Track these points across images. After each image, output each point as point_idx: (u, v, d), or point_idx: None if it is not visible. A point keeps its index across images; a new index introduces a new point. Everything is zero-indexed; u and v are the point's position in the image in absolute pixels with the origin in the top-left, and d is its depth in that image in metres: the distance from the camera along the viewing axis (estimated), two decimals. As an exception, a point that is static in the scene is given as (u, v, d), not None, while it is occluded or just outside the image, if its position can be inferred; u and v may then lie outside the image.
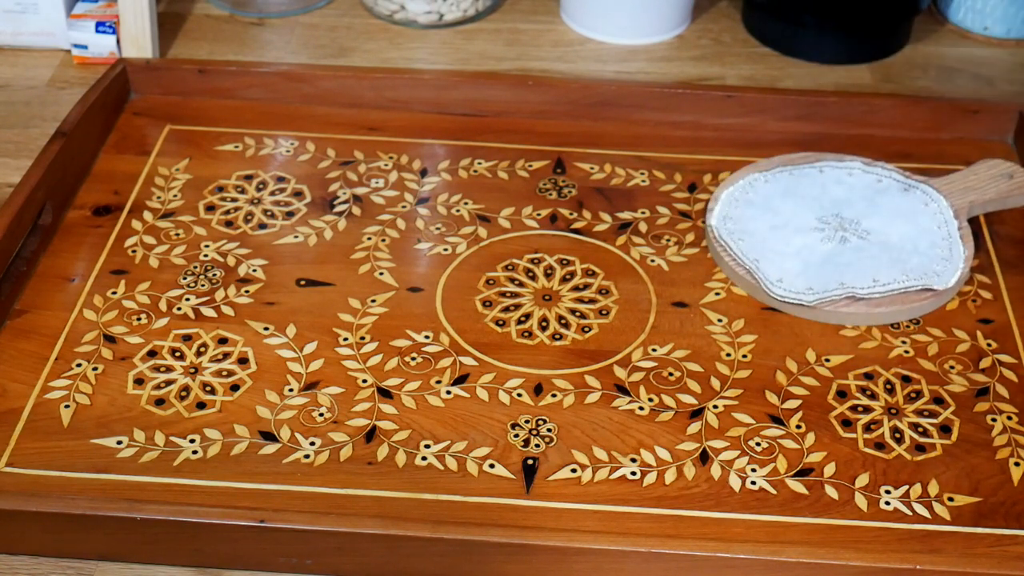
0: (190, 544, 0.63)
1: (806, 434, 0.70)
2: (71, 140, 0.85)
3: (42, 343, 0.74)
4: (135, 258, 0.81)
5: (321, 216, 0.84)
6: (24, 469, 0.67)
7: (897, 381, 0.73)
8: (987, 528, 0.66)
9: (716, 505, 0.66)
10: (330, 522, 0.62)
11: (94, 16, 1.00)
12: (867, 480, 0.68)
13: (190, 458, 0.68)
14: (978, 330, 0.77)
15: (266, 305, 0.77)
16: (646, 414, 0.71)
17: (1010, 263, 0.82)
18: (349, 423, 0.70)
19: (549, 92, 0.93)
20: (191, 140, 0.91)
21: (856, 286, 0.77)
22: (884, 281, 0.77)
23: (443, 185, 0.87)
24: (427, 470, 0.68)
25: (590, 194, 0.87)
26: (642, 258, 0.82)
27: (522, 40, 1.05)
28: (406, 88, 0.94)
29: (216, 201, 0.85)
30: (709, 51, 1.04)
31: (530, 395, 0.72)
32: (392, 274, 0.80)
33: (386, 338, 0.75)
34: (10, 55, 1.02)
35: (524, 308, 0.78)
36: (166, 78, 0.95)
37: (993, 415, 0.72)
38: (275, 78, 0.94)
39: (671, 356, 0.75)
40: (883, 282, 0.77)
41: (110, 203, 0.85)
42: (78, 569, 0.64)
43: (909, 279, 0.77)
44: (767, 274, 0.78)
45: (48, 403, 0.71)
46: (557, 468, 0.68)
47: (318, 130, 0.92)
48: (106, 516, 0.63)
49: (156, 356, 0.74)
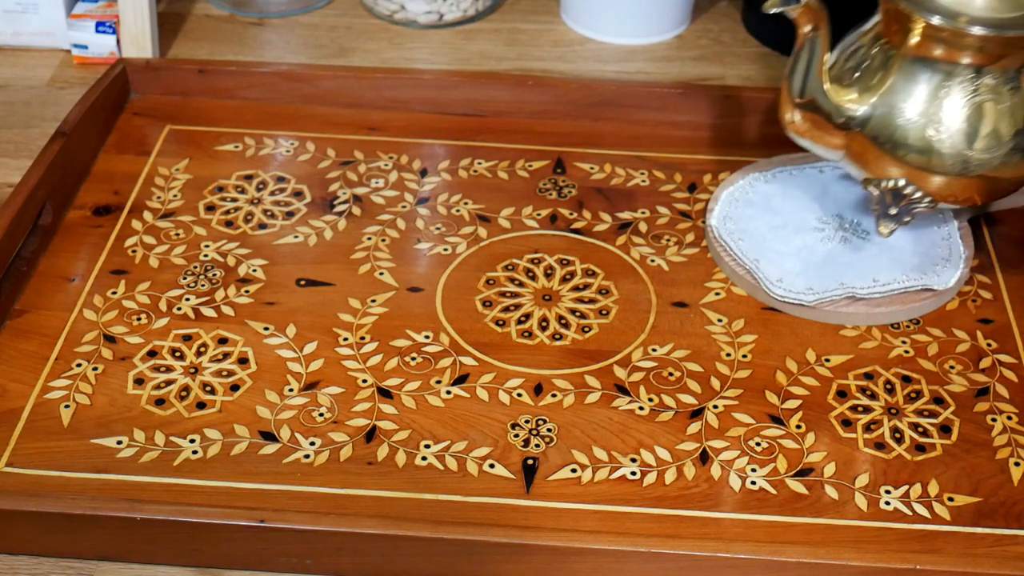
0: (190, 544, 0.63)
1: (806, 434, 0.70)
2: (71, 140, 0.85)
3: (42, 343, 0.74)
4: (135, 258, 0.81)
5: (321, 216, 0.84)
6: (24, 469, 0.67)
7: (897, 381, 0.73)
8: (987, 528, 0.66)
9: (716, 505, 0.66)
10: (330, 522, 0.62)
11: (94, 16, 1.00)
12: (867, 480, 0.68)
13: (190, 458, 0.68)
14: (978, 330, 0.77)
15: (266, 305, 0.77)
16: (646, 414, 0.71)
17: (1010, 263, 0.82)
18: (349, 423, 0.70)
19: (549, 92, 0.93)
20: (191, 140, 0.91)
21: (856, 286, 0.77)
22: (884, 281, 0.77)
23: (443, 185, 0.87)
24: (427, 470, 0.68)
25: (590, 194, 0.87)
26: (642, 258, 0.82)
27: (522, 40, 1.05)
28: (406, 88, 0.94)
29: (216, 201, 0.85)
30: (709, 51, 1.04)
31: (530, 395, 0.72)
32: (392, 274, 0.80)
33: (386, 338, 0.75)
34: (10, 55, 1.02)
35: (524, 308, 0.78)
36: (166, 78, 0.95)
37: (993, 415, 0.72)
38: (275, 78, 0.94)
39: (671, 356, 0.75)
40: (883, 282, 0.77)
41: (110, 203, 0.85)
42: (78, 569, 0.64)
43: (909, 279, 0.77)
44: (767, 274, 0.78)
45: (48, 403, 0.71)
46: (557, 468, 0.68)
47: (318, 130, 0.92)
48: (106, 516, 0.63)
49: (156, 356, 0.74)
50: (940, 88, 0.68)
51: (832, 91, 0.69)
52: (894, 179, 0.70)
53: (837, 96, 0.69)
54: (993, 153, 0.68)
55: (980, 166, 0.69)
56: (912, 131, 0.69)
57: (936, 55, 0.68)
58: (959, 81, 0.68)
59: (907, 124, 0.69)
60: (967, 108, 0.68)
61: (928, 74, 0.69)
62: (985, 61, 0.68)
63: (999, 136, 0.68)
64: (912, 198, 0.70)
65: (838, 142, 0.71)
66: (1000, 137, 0.68)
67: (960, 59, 0.68)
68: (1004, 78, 0.68)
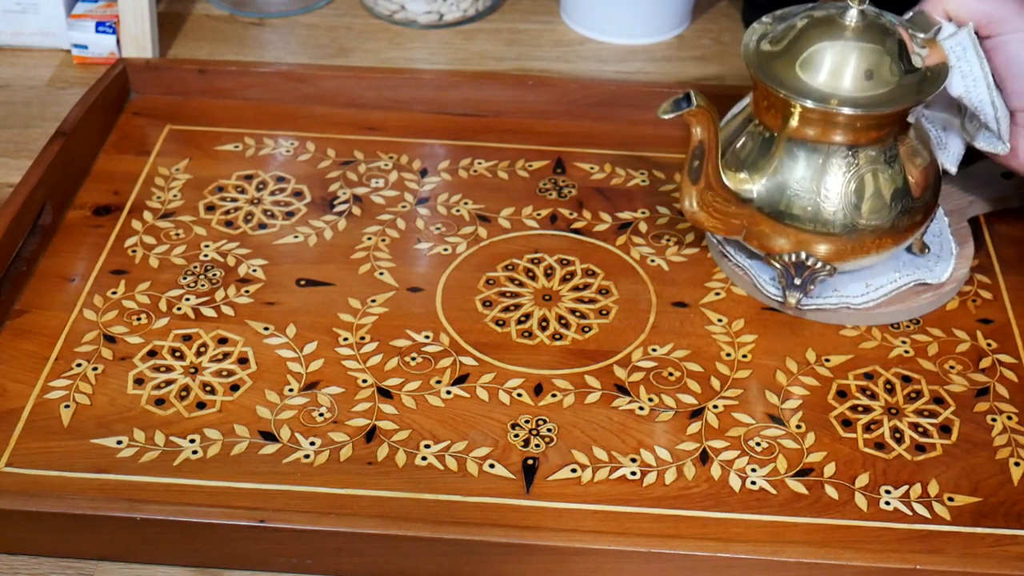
0: (190, 544, 0.63)
1: (806, 434, 0.70)
2: (71, 140, 0.85)
3: (42, 343, 0.74)
4: (135, 258, 0.81)
5: (321, 216, 0.84)
6: (24, 469, 0.67)
7: (897, 381, 0.73)
8: (987, 528, 0.66)
9: (716, 505, 0.66)
10: (330, 522, 0.62)
11: (94, 16, 1.00)
12: (867, 480, 0.68)
13: (190, 458, 0.68)
14: (978, 330, 0.77)
15: (266, 305, 0.77)
16: (646, 414, 0.71)
17: (1010, 263, 0.82)
18: (349, 423, 0.70)
19: (549, 92, 0.93)
20: (191, 140, 0.91)
21: (849, 295, 0.76)
22: (877, 284, 0.77)
23: (443, 185, 0.87)
24: (427, 470, 0.68)
25: (590, 194, 0.87)
26: (642, 258, 0.82)
27: (522, 40, 1.05)
28: (406, 88, 0.94)
29: (216, 201, 0.85)
30: (709, 51, 1.04)
31: (530, 395, 0.72)
32: (392, 274, 0.80)
33: (386, 338, 0.75)
34: (10, 55, 1.02)
35: (524, 308, 0.78)
36: (166, 78, 0.95)
37: (993, 415, 0.72)
38: (275, 78, 0.94)
39: (671, 356, 0.75)
40: (876, 285, 0.77)
41: (110, 203, 0.85)
42: (78, 569, 0.64)
43: (902, 276, 0.77)
44: (760, 273, 0.78)
45: (48, 403, 0.71)
46: (557, 468, 0.68)
47: (318, 130, 0.92)
48: (106, 516, 0.63)
49: (156, 356, 0.74)
50: (825, 164, 0.72)
51: (728, 177, 0.73)
52: (795, 252, 0.74)
53: (732, 182, 0.73)
54: (883, 218, 0.72)
55: (872, 231, 0.73)
56: (804, 205, 0.72)
57: (815, 135, 0.72)
58: (842, 156, 0.72)
59: (798, 200, 0.72)
60: (852, 181, 0.72)
61: (811, 153, 0.73)
62: (863, 138, 0.72)
63: (884, 201, 0.72)
64: (814, 268, 0.74)
65: (738, 223, 0.74)
66: (885, 202, 0.72)
67: (837, 137, 0.72)
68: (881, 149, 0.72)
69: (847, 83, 0.70)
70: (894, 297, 0.77)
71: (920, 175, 0.73)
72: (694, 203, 0.73)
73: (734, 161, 0.75)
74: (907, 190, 0.73)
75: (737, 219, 0.74)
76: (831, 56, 0.71)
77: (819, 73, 0.71)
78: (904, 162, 0.73)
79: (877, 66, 0.71)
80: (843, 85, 0.70)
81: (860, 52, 0.71)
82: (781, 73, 0.72)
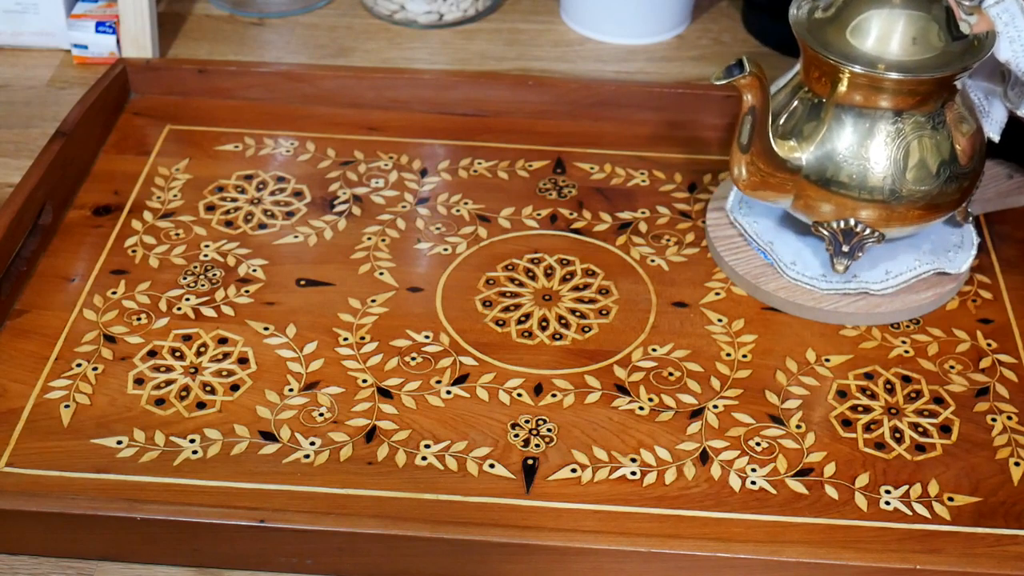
0: (190, 544, 0.63)
1: (806, 434, 0.70)
2: (71, 140, 0.85)
3: (42, 343, 0.74)
4: (135, 258, 0.81)
5: (321, 216, 0.84)
6: (24, 469, 0.67)
7: (897, 381, 0.73)
8: (987, 528, 0.66)
9: (716, 505, 0.66)
10: (330, 522, 0.62)
11: (94, 16, 1.00)
12: (867, 480, 0.68)
13: (190, 458, 0.68)
14: (978, 330, 0.77)
15: (266, 305, 0.77)
16: (646, 414, 0.71)
17: (1010, 263, 0.82)
18: (349, 423, 0.70)
19: (549, 92, 0.94)
20: (191, 140, 0.91)
21: (869, 281, 0.77)
22: (897, 272, 0.77)
23: (443, 185, 0.87)
24: (427, 470, 0.68)
25: (590, 194, 0.87)
26: (642, 258, 0.82)
27: (522, 40, 1.05)
28: (406, 88, 0.94)
29: (216, 201, 0.85)
30: (709, 51, 1.04)
31: (530, 395, 0.72)
32: (392, 274, 0.80)
33: (386, 338, 0.75)
34: (10, 55, 1.02)
35: (524, 308, 0.78)
36: (166, 78, 0.95)
37: (993, 415, 0.72)
38: (275, 78, 0.94)
39: (671, 356, 0.75)
40: (895, 272, 0.77)
41: (110, 203, 0.85)
42: (78, 569, 0.64)
43: (923, 264, 0.78)
44: (781, 255, 0.78)
45: (48, 403, 0.71)
46: (557, 468, 0.68)
47: (318, 130, 0.92)
48: (106, 516, 0.63)
49: (156, 356, 0.74)
50: (872, 130, 0.73)
51: (778, 145, 0.73)
52: (843, 219, 0.74)
53: (782, 150, 0.73)
54: (930, 184, 0.73)
55: (920, 198, 0.73)
56: (852, 172, 0.73)
57: (863, 100, 0.72)
58: (890, 122, 0.72)
59: (847, 166, 0.73)
60: (900, 148, 0.72)
61: (859, 119, 0.73)
62: (910, 103, 0.72)
63: (931, 168, 0.73)
64: (862, 235, 0.74)
65: (788, 189, 0.75)
66: (933, 169, 0.73)
67: (885, 102, 0.72)
68: (929, 116, 0.73)
69: (895, 48, 0.71)
70: (895, 294, 0.77)
71: (967, 143, 0.74)
72: (743, 171, 0.74)
73: (782, 130, 0.75)
74: (954, 157, 0.73)
75: (786, 186, 0.75)
76: (879, 23, 0.72)
77: (868, 39, 0.72)
78: (951, 129, 0.73)
79: (925, 32, 0.71)
80: (891, 50, 0.71)
81: (908, 19, 0.72)
82: (831, 40, 0.72)
